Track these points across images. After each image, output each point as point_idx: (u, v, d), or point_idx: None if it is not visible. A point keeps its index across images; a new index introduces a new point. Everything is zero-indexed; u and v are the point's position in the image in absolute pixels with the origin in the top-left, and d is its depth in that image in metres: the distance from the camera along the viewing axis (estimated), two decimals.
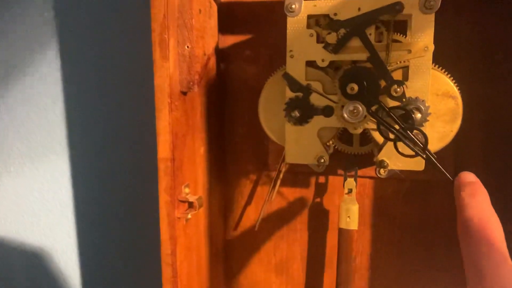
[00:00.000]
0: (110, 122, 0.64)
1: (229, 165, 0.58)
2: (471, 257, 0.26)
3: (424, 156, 0.37)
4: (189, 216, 0.46)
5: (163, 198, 0.44)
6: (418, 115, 0.39)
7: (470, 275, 0.26)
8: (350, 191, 0.48)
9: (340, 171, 0.54)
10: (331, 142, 0.46)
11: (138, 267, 0.68)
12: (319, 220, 0.56)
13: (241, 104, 0.56)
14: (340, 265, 0.49)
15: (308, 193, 0.56)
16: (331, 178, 0.55)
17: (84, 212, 0.69)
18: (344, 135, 0.47)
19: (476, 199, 0.29)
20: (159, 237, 0.45)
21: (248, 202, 0.58)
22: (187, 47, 0.43)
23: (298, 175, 0.55)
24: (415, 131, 0.38)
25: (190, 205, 0.46)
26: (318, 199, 0.56)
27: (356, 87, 0.38)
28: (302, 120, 0.42)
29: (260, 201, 0.57)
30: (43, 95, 0.66)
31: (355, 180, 0.47)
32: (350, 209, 0.47)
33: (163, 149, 0.43)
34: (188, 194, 0.46)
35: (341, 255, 0.49)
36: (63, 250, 0.71)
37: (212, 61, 0.51)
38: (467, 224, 0.27)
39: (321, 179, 0.55)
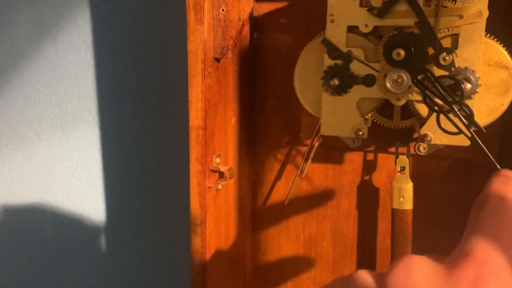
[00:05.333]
0: (140, 91, 0.63)
1: (259, 138, 0.56)
2: (476, 218, 0.23)
3: (470, 135, 0.34)
4: (220, 186, 0.45)
5: (194, 167, 0.43)
6: (468, 86, 0.37)
7: (468, 229, 0.23)
8: (402, 169, 0.46)
9: (375, 147, 0.51)
10: (369, 115, 0.44)
11: (167, 238, 0.68)
12: (351, 197, 0.54)
13: (274, 75, 0.54)
14: (396, 247, 0.47)
15: (341, 170, 0.54)
16: (365, 154, 0.53)
17: (113, 181, 0.69)
18: (382, 108, 0.45)
19: (506, 187, 0.25)
20: (189, 208, 0.45)
21: (277, 176, 0.57)
22: (222, 10, 0.41)
23: (331, 150, 0.53)
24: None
25: (221, 175, 0.45)
26: (351, 176, 0.54)
27: (402, 53, 0.36)
28: (340, 90, 0.40)
29: (290, 176, 0.56)
30: (73, 63, 0.66)
31: (408, 157, 0.45)
32: (403, 188, 0.45)
33: (195, 117, 0.42)
34: (219, 164, 0.45)
35: (397, 236, 0.46)
36: (92, 219, 0.72)
37: (246, 29, 0.49)
38: (487, 197, 0.24)
39: (355, 155, 0.53)
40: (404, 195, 0.45)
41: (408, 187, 0.45)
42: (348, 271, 0.56)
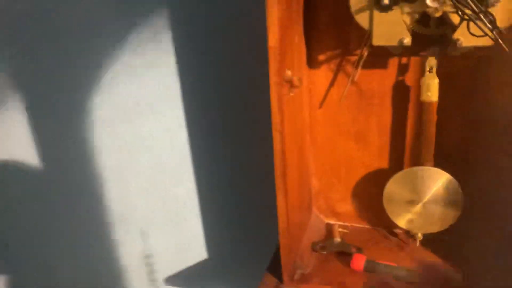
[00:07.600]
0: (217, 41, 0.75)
1: (314, 52, 0.67)
2: None
3: (493, 37, 0.45)
4: (292, 93, 0.58)
5: (273, 79, 0.55)
6: None
7: None
8: (431, 69, 0.57)
9: (416, 53, 0.62)
10: (411, 26, 0.54)
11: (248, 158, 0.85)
12: (393, 96, 0.66)
13: None
14: (423, 132, 0.61)
15: (386, 73, 0.65)
16: (407, 59, 0.63)
17: (195, 122, 0.84)
18: (421, 20, 0.55)
19: None
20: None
21: (331, 84, 0.69)
22: None
23: (377, 57, 0.64)
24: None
25: (292, 85, 0.58)
26: (394, 78, 0.65)
27: None
28: (389, 7, 0.50)
29: (342, 82, 0.68)
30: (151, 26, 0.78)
31: (436, 58, 0.56)
32: (431, 84, 0.57)
33: (272, 38, 0.53)
34: (291, 75, 0.57)
35: (424, 123, 0.60)
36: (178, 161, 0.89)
37: None
38: None
39: (398, 60, 0.64)
40: (431, 90, 0.57)
41: (435, 82, 0.56)
42: (391, 155, 0.70)
